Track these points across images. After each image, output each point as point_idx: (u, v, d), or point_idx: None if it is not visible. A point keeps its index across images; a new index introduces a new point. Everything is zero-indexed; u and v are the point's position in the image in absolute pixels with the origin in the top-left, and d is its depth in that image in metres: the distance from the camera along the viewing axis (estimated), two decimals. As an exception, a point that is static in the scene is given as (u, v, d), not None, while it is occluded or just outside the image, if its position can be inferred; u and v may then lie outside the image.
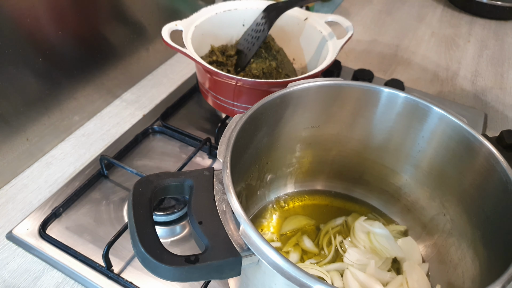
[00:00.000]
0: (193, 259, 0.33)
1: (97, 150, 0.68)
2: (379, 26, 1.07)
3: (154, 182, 0.38)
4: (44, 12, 0.59)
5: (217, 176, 0.39)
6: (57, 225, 0.56)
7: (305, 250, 0.52)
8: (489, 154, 0.42)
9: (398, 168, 0.53)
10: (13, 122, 0.60)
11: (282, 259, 0.31)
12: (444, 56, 0.97)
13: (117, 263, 0.52)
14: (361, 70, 0.83)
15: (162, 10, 0.81)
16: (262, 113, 0.45)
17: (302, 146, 0.54)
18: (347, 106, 0.51)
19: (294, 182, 0.58)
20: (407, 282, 0.47)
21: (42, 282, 0.51)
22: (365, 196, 0.58)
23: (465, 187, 0.45)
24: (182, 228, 0.57)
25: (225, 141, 0.40)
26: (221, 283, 0.51)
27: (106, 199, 0.60)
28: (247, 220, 0.33)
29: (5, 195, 0.61)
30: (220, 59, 0.69)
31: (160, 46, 0.84)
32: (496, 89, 0.88)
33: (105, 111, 0.75)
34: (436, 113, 0.46)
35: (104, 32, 0.71)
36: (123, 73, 0.78)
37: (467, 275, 0.44)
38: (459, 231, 0.47)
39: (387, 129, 0.51)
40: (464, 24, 1.10)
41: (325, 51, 0.67)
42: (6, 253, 0.54)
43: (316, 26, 0.71)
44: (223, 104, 0.65)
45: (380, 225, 0.53)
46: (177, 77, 0.84)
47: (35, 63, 0.60)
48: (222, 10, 0.73)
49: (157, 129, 0.71)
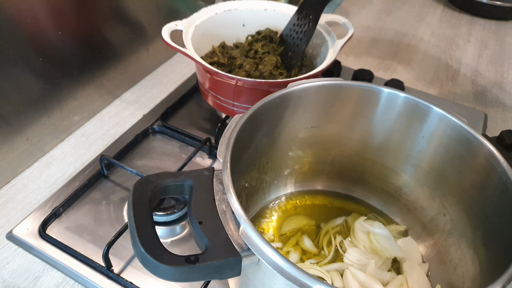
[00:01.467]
0: (193, 259, 0.33)
1: (97, 150, 0.68)
2: (379, 26, 1.07)
3: (154, 182, 0.38)
4: (44, 12, 0.59)
5: (217, 176, 0.39)
6: (57, 225, 0.56)
7: (305, 250, 0.52)
8: (489, 154, 0.42)
9: (398, 168, 0.53)
10: (13, 122, 0.60)
11: (282, 259, 0.31)
12: (444, 56, 0.97)
13: (117, 263, 0.52)
14: (361, 70, 0.83)
15: (162, 10, 0.81)
16: (262, 113, 0.45)
17: (302, 146, 0.54)
18: (347, 106, 0.51)
19: (294, 182, 0.58)
20: (407, 282, 0.47)
21: (42, 282, 0.51)
22: (365, 196, 0.58)
23: (465, 187, 0.45)
24: (182, 228, 0.57)
25: (225, 141, 0.40)
26: (221, 283, 0.51)
27: (106, 199, 0.60)
28: (247, 220, 0.33)
29: (5, 195, 0.61)
30: (221, 60, 0.69)
31: (160, 46, 0.84)
32: (496, 89, 0.88)
33: (105, 111, 0.75)
34: (436, 113, 0.46)
35: (104, 32, 0.71)
36: (123, 73, 0.78)
37: (467, 275, 0.44)
38: (459, 231, 0.47)
39: (387, 129, 0.51)
40: (464, 24, 1.10)
41: (325, 51, 0.67)
42: (6, 253, 0.54)
43: (316, 26, 0.71)
44: (223, 104, 0.65)
45: (380, 225, 0.53)
46: (177, 77, 0.84)
47: (35, 63, 0.60)
48: (222, 10, 0.73)
49: (157, 129, 0.71)
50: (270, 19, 0.75)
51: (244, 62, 0.68)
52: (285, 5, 0.74)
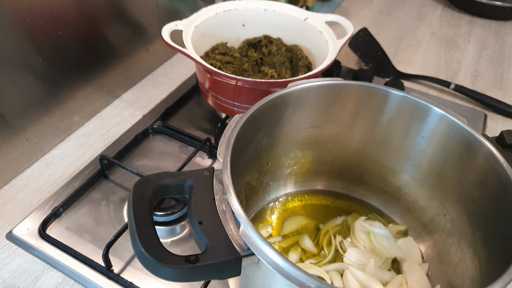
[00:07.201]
0: (193, 259, 0.33)
1: (97, 150, 0.68)
2: (379, 26, 1.07)
3: (154, 182, 0.38)
4: (44, 12, 0.59)
5: (217, 176, 0.39)
6: (57, 225, 0.56)
7: (305, 250, 0.52)
8: (489, 154, 0.42)
9: (398, 168, 0.53)
10: (13, 122, 0.60)
11: (282, 259, 0.31)
12: (444, 56, 0.97)
13: (117, 263, 0.52)
14: (361, 70, 0.83)
15: (162, 10, 0.81)
16: (262, 113, 0.45)
17: (302, 146, 0.54)
18: (347, 106, 0.51)
19: (294, 182, 0.58)
20: (406, 282, 0.47)
21: (42, 282, 0.51)
22: (365, 196, 0.58)
23: (465, 187, 0.45)
24: (182, 228, 0.57)
25: (225, 141, 0.40)
26: (221, 283, 0.51)
27: (106, 199, 0.60)
28: (247, 220, 0.33)
29: (5, 195, 0.61)
30: (223, 59, 0.69)
31: (160, 46, 0.84)
32: (496, 89, 0.88)
33: (105, 111, 0.75)
34: (436, 113, 0.46)
35: (104, 32, 0.71)
36: (123, 73, 0.77)
37: (467, 275, 0.44)
38: (459, 231, 0.47)
39: (387, 129, 0.51)
40: (464, 24, 1.10)
41: (325, 51, 0.67)
42: (6, 253, 0.54)
43: (316, 26, 0.71)
44: (223, 104, 0.65)
45: (380, 225, 0.53)
46: (177, 77, 0.84)
47: (35, 63, 0.60)
48: (222, 10, 0.73)
49: (157, 129, 0.71)
50: (270, 19, 0.75)
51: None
52: (285, 5, 0.74)
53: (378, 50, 0.90)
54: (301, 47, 0.73)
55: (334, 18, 0.71)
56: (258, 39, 0.74)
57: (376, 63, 0.89)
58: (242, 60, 0.71)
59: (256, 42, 0.74)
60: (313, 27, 0.71)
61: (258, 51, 0.73)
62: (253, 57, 0.72)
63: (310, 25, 0.72)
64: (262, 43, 0.73)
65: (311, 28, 0.72)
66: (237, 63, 0.71)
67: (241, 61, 0.71)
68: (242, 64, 0.71)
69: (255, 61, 0.72)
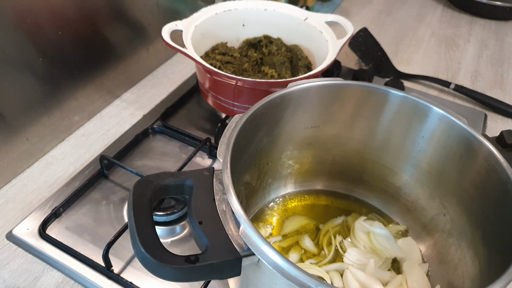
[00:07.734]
0: (193, 259, 0.33)
1: (97, 150, 0.68)
2: (379, 26, 1.07)
3: (154, 182, 0.38)
4: (44, 12, 0.59)
5: (217, 176, 0.39)
6: (57, 225, 0.56)
7: (305, 250, 0.52)
8: (489, 154, 0.42)
9: (398, 168, 0.53)
10: (13, 122, 0.60)
11: (282, 259, 0.31)
12: (444, 56, 0.97)
13: (117, 263, 0.52)
14: (361, 70, 0.83)
15: (162, 10, 0.81)
16: (262, 113, 0.45)
17: (302, 146, 0.54)
18: (347, 106, 0.51)
19: (294, 182, 0.58)
20: (406, 282, 0.47)
21: (42, 282, 0.51)
22: (365, 196, 0.58)
23: (465, 187, 0.45)
24: (182, 228, 0.57)
25: (225, 141, 0.40)
26: (221, 283, 0.51)
27: (106, 199, 0.60)
28: (247, 220, 0.33)
29: (5, 195, 0.61)
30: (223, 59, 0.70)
31: (160, 46, 0.84)
32: (496, 89, 0.88)
33: (105, 111, 0.75)
34: (436, 113, 0.46)
35: (104, 32, 0.71)
36: (123, 73, 0.78)
37: (467, 275, 0.44)
38: (459, 231, 0.47)
39: (387, 129, 0.51)
40: (464, 24, 1.10)
41: (325, 51, 0.67)
42: (6, 253, 0.54)
43: (316, 26, 0.71)
44: (223, 104, 0.65)
45: (380, 225, 0.53)
46: (177, 77, 0.84)
47: (35, 63, 0.60)
48: (222, 10, 0.73)
49: (157, 129, 0.71)
50: (270, 19, 0.75)
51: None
52: (285, 5, 0.74)
53: (378, 50, 0.90)
54: (301, 47, 0.73)
55: (334, 18, 0.71)
56: (258, 39, 0.74)
57: (376, 63, 0.89)
58: (242, 60, 0.71)
59: (256, 42, 0.74)
60: (313, 27, 0.71)
61: (258, 51, 0.73)
62: (253, 57, 0.72)
63: (310, 25, 0.72)
64: (262, 43, 0.73)
65: (311, 28, 0.72)
66: (237, 63, 0.71)
67: (241, 61, 0.71)
68: (242, 64, 0.71)
69: (255, 61, 0.72)
